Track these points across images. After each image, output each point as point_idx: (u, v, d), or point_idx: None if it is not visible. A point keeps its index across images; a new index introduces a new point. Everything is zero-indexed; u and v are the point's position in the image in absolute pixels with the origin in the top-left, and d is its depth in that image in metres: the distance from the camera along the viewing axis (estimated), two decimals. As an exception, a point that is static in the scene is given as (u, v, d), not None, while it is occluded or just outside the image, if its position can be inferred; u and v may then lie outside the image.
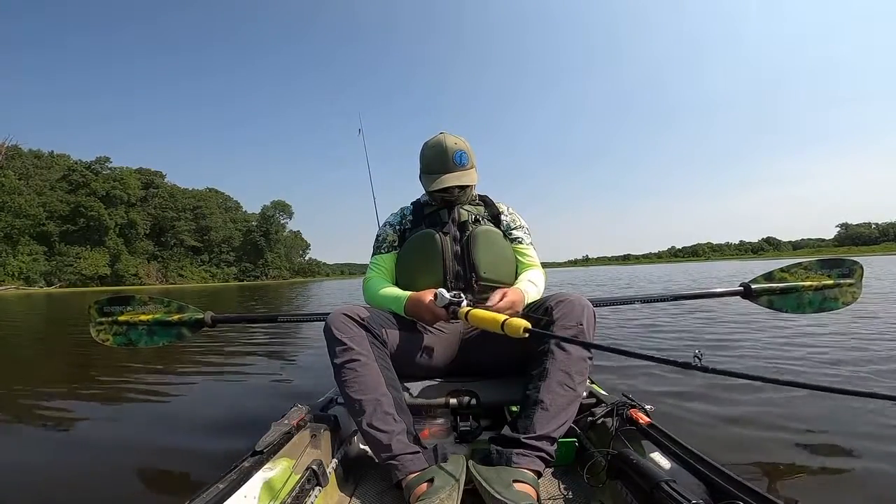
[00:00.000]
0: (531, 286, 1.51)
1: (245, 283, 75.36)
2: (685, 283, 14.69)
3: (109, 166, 72.95)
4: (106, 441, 2.11)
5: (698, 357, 0.88)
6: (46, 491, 1.62)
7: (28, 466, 1.85)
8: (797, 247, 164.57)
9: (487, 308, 1.30)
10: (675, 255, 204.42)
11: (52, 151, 72.74)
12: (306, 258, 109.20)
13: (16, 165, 62.66)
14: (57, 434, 2.24)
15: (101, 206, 65.61)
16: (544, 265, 1.69)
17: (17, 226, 57.11)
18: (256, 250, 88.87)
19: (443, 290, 1.34)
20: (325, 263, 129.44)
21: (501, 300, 1.35)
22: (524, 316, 1.08)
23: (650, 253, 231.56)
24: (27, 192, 60.49)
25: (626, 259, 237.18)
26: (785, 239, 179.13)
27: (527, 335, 1.04)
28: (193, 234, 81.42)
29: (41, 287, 55.59)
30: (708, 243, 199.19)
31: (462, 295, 1.34)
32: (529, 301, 1.45)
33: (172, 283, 71.19)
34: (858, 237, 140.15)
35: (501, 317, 1.10)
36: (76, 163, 71.32)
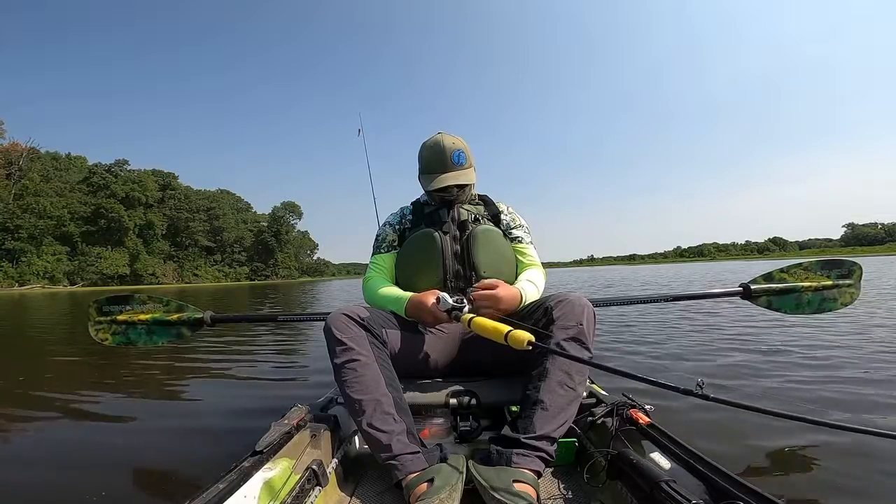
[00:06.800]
0: (530, 286, 1.51)
1: (256, 282, 76.43)
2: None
3: (128, 168, 74.27)
4: (106, 440, 2.12)
5: (700, 385, 0.91)
6: (46, 489, 1.63)
7: (29, 465, 1.86)
8: (804, 247, 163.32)
9: (485, 293, 1.36)
10: (680, 254, 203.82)
11: (70, 153, 74.82)
12: (314, 258, 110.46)
13: (36, 167, 64.27)
14: (57, 433, 2.25)
15: (122, 208, 67.09)
16: (548, 265, 1.68)
17: (41, 227, 58.51)
18: (267, 250, 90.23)
19: (445, 295, 1.33)
20: (331, 263, 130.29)
21: (495, 289, 1.38)
22: (528, 328, 1.07)
23: (655, 253, 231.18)
24: (50, 193, 61.99)
25: (631, 259, 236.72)
26: (791, 239, 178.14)
27: (530, 348, 1.03)
28: (207, 235, 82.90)
29: (65, 286, 56.80)
30: (714, 243, 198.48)
31: (465, 300, 1.34)
32: (528, 301, 1.45)
33: (188, 283, 72.61)
34: (865, 237, 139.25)
35: (505, 328, 1.09)
36: (96, 165, 72.60)
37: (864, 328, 4.21)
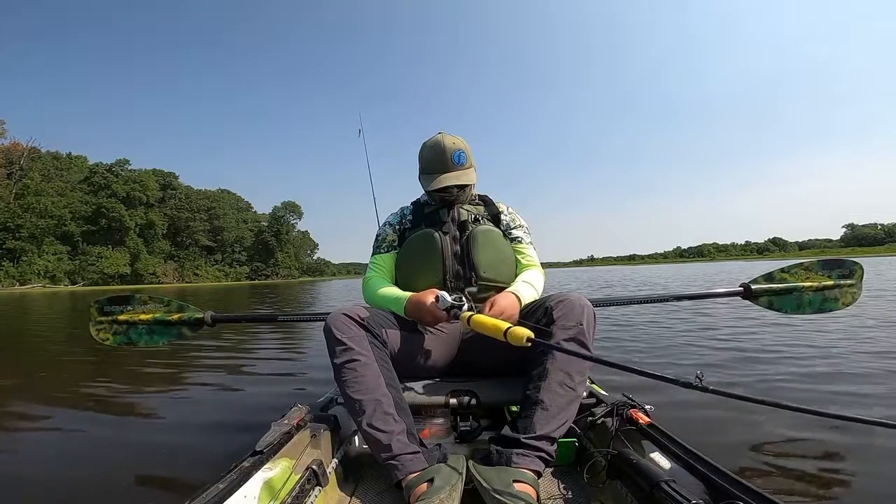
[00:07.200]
0: (526, 287, 1.50)
1: (256, 282, 76.50)
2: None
3: (129, 168, 74.10)
4: (106, 440, 2.12)
5: (699, 377, 0.92)
6: (47, 490, 1.63)
7: (29, 466, 1.86)
8: (803, 247, 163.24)
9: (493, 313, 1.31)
10: (680, 255, 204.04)
11: (70, 153, 74.53)
12: (314, 258, 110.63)
13: (37, 167, 64.42)
14: (58, 433, 2.25)
15: (123, 208, 67.11)
16: (548, 265, 1.68)
17: (42, 226, 58.62)
18: (267, 250, 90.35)
19: (444, 294, 1.33)
20: (331, 263, 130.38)
21: (491, 309, 1.34)
22: (527, 325, 1.07)
23: (655, 253, 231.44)
24: (51, 193, 62.10)
25: (631, 259, 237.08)
26: (791, 239, 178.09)
27: (529, 345, 1.03)
28: (207, 235, 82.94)
29: (66, 286, 56.85)
30: (713, 244, 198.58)
31: (464, 299, 1.34)
32: (526, 301, 1.45)
33: (188, 283, 72.65)
34: (864, 238, 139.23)
35: (504, 325, 1.09)
36: (97, 165, 72.52)
37: (864, 330, 4.21)
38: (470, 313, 1.24)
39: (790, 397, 2.30)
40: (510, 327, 1.07)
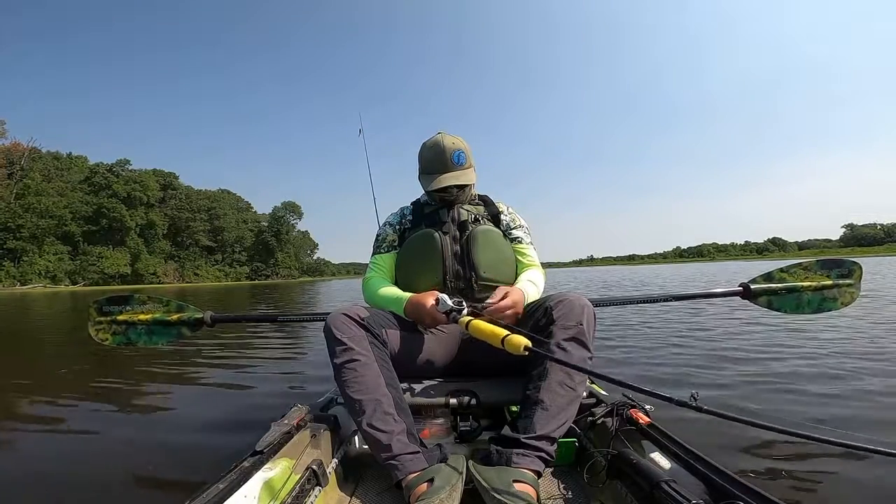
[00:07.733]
0: (531, 286, 1.51)
1: (256, 282, 76.67)
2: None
3: (129, 168, 74.09)
4: (106, 441, 2.12)
5: (694, 397, 0.95)
6: (47, 490, 1.63)
7: (29, 466, 1.86)
8: (803, 247, 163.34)
9: (488, 307, 1.32)
10: (680, 255, 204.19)
11: (70, 153, 74.70)
12: (314, 258, 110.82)
13: (37, 167, 64.62)
14: (58, 433, 2.25)
15: (123, 208, 67.22)
16: (548, 265, 1.67)
17: (43, 226, 58.72)
18: (267, 250, 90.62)
19: (445, 297, 1.33)
20: (331, 263, 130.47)
21: (503, 299, 1.35)
22: (524, 333, 1.08)
23: (655, 253, 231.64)
24: (52, 193, 62.22)
25: (631, 259, 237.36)
26: (791, 239, 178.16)
27: (527, 353, 1.03)
28: (208, 235, 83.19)
29: (66, 286, 56.96)
30: (713, 244, 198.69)
31: (464, 303, 1.33)
32: (529, 301, 1.45)
33: (189, 283, 72.84)
34: (864, 238, 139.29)
35: (502, 332, 1.09)
36: (97, 165, 72.56)
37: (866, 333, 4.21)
38: (469, 318, 1.24)
39: (791, 405, 2.30)
40: (508, 335, 1.07)
